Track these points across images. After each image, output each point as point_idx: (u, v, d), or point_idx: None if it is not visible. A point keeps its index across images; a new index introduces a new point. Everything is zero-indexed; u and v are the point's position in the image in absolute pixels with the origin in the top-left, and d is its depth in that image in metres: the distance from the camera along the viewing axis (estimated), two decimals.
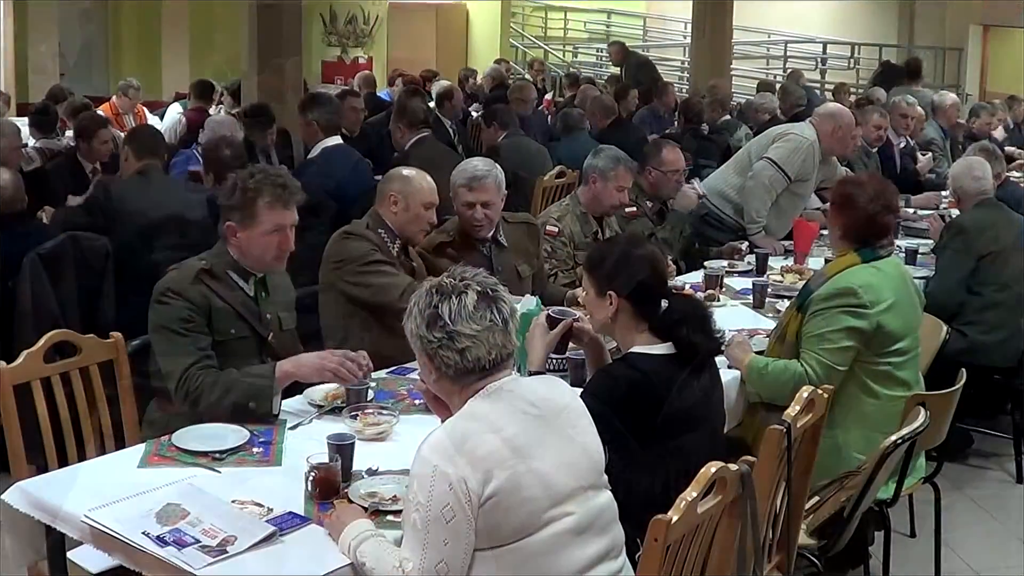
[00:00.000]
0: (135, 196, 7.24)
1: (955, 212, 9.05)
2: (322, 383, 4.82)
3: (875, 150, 10.62)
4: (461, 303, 3.52)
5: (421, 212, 5.79)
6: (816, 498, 4.93)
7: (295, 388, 4.87)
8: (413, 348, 3.61)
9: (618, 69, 18.89)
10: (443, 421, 3.56)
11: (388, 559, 3.42)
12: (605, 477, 3.70)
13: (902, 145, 11.41)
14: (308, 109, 8.91)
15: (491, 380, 3.54)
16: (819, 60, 24.94)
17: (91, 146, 9.45)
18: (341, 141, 8.90)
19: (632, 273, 4.46)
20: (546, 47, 26.66)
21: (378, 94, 16.31)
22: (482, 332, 3.51)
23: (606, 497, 3.66)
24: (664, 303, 4.45)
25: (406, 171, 5.95)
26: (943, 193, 10.93)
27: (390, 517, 3.74)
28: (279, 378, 4.61)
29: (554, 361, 5.09)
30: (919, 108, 12.44)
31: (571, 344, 4.90)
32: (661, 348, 4.37)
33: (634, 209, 7.59)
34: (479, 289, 3.55)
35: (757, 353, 5.55)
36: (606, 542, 3.60)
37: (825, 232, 7.43)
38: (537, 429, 3.49)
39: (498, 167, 6.29)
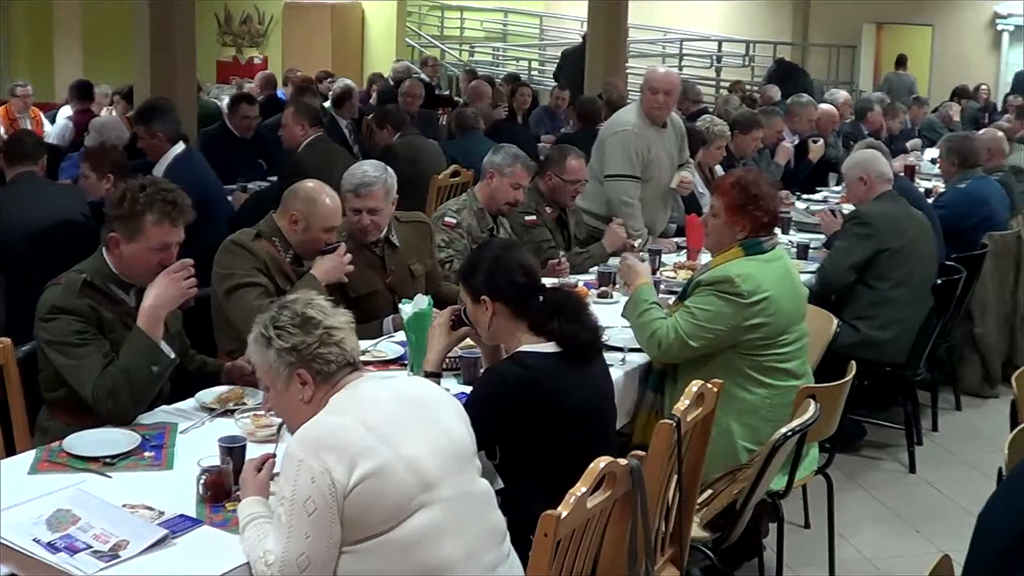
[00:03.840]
0: (7, 204, 7.21)
1: (846, 207, 9.19)
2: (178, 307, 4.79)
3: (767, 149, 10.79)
4: (318, 304, 3.71)
5: (320, 235, 5.70)
6: (708, 491, 4.97)
7: (187, 391, 4.84)
8: (271, 373, 3.69)
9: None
10: None
11: (256, 549, 3.46)
12: (479, 464, 3.74)
13: (795, 142, 11.56)
14: (150, 121, 8.41)
15: (354, 375, 3.67)
16: (714, 58, 25.16)
17: None
18: (184, 146, 8.50)
19: (503, 276, 4.50)
20: (443, 46, 26.64)
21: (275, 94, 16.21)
22: (347, 325, 3.70)
23: (482, 484, 3.70)
24: (539, 300, 4.51)
25: (312, 191, 5.76)
26: (836, 189, 11.12)
27: None
28: (148, 329, 4.56)
29: (448, 360, 5.10)
30: (825, 106, 12.65)
31: (468, 341, 4.93)
32: (548, 346, 4.39)
33: (533, 217, 7.54)
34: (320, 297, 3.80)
35: None
36: (485, 529, 3.63)
37: None
38: (401, 416, 3.54)
39: (389, 172, 6.26)
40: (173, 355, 4.65)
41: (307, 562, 3.33)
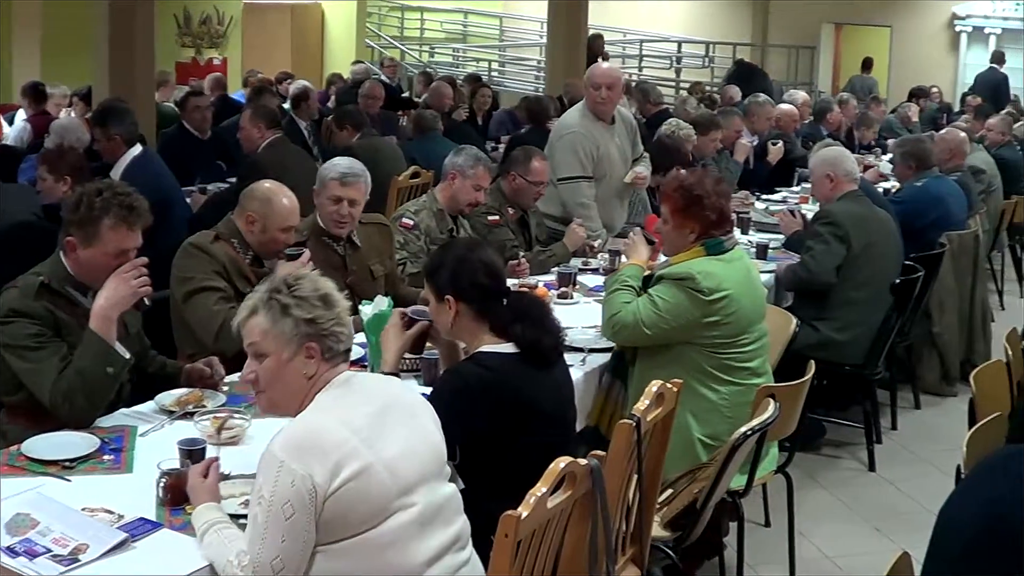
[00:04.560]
0: None
1: (805, 207, 9.22)
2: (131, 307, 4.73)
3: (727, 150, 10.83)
4: (328, 284, 3.71)
5: (278, 236, 5.69)
6: (669, 490, 4.99)
7: (146, 394, 4.83)
8: (279, 340, 3.62)
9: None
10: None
11: (225, 552, 3.45)
12: (448, 469, 3.75)
13: (755, 143, 11.60)
14: (106, 123, 8.35)
15: (342, 367, 3.67)
16: (674, 59, 25.23)
17: None
18: (141, 148, 8.45)
19: (467, 276, 4.51)
20: (403, 47, 26.61)
21: (232, 95, 16.14)
22: (348, 309, 3.73)
23: (450, 488, 3.71)
24: (503, 302, 4.52)
25: (269, 192, 5.77)
26: (796, 189, 11.17)
27: (242, 521, 3.71)
28: (100, 331, 4.52)
29: (408, 361, 5.11)
30: (785, 106, 12.71)
31: (427, 344, 4.93)
32: (509, 347, 4.41)
33: (496, 218, 7.56)
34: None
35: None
36: (452, 533, 3.64)
37: None
38: (381, 419, 3.54)
39: (366, 170, 6.33)
40: (128, 356, 4.62)
41: (281, 565, 3.33)
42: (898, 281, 7.44)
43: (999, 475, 3.13)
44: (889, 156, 13.56)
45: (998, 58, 19.04)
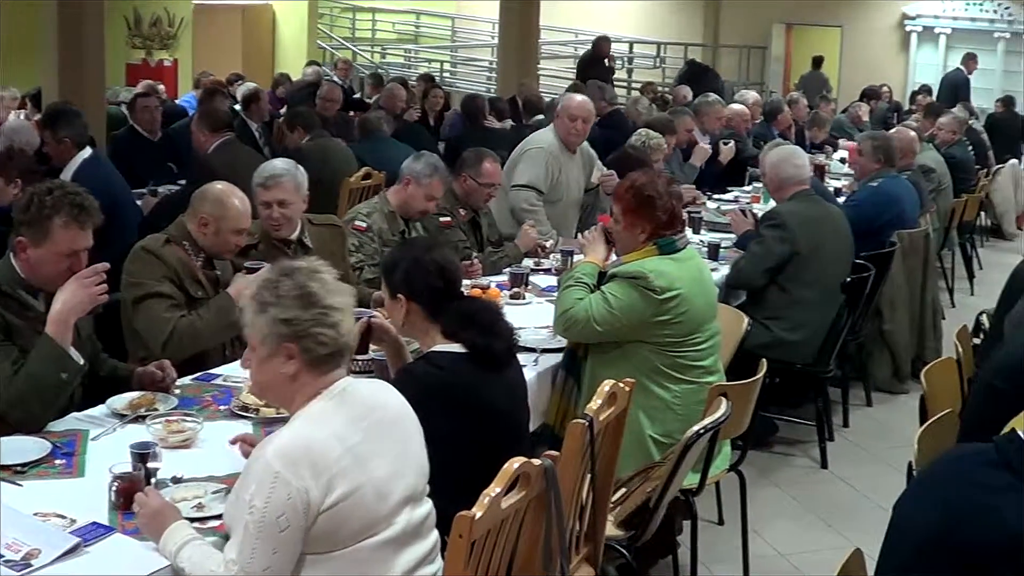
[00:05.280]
0: None
1: (757, 207, 9.25)
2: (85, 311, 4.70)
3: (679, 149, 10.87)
4: (322, 278, 3.59)
5: (230, 238, 5.68)
6: (623, 490, 4.99)
7: (98, 397, 4.80)
8: (258, 337, 3.56)
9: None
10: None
11: (207, 563, 3.41)
12: (427, 486, 3.74)
13: (706, 143, 11.64)
14: (56, 126, 8.29)
15: (339, 373, 3.59)
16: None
17: None
18: (91, 151, 8.37)
19: (421, 277, 4.53)
20: (354, 48, 26.55)
21: (180, 100, 16.08)
22: (346, 305, 3.60)
23: (428, 505, 3.72)
24: (455, 305, 4.54)
25: (221, 194, 5.74)
26: (747, 189, 11.21)
27: (196, 525, 3.70)
28: (56, 336, 4.50)
29: (359, 362, 5.11)
30: (737, 106, 12.76)
31: (372, 345, 4.94)
32: (459, 347, 4.42)
33: (448, 219, 7.55)
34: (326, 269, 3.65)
35: None
36: (426, 547, 3.66)
37: None
38: (376, 437, 3.53)
39: (300, 169, 6.32)
40: (82, 362, 4.60)
41: (271, 575, 3.31)
42: (849, 280, 7.48)
43: (952, 476, 3.15)
44: (840, 155, 13.69)
45: (965, 60, 19.17)
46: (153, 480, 3.94)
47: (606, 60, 19.03)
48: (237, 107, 13.26)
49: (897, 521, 3.21)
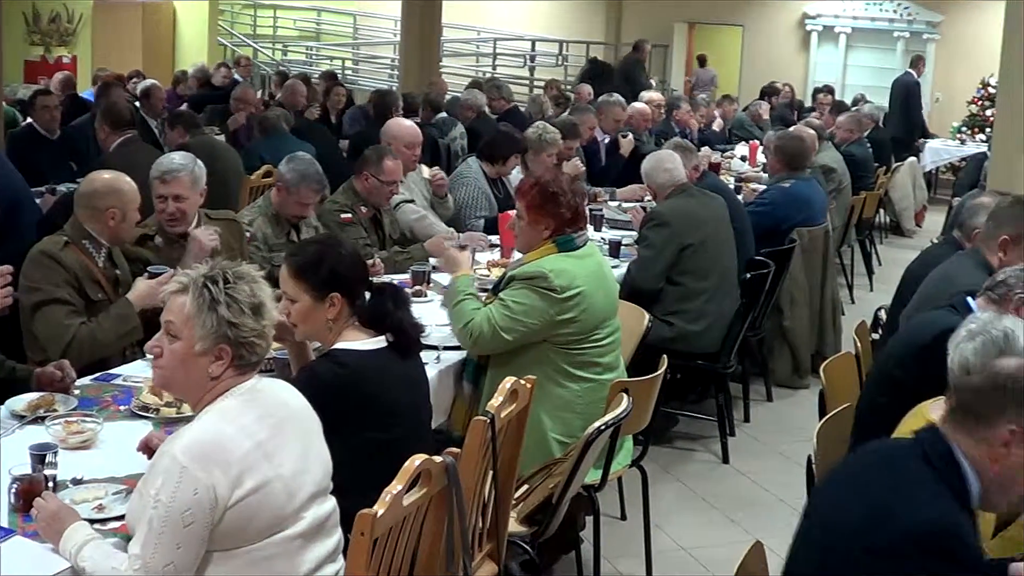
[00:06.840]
0: None
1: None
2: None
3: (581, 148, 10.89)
4: (266, 290, 3.60)
5: (134, 216, 5.71)
6: (525, 486, 5.01)
7: None
8: (194, 329, 3.50)
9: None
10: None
11: (110, 562, 3.38)
12: (331, 483, 3.73)
13: (606, 141, 11.70)
14: None
15: (251, 375, 3.59)
16: (528, 57, 25.27)
17: None
18: None
19: (347, 271, 4.51)
20: (255, 45, 26.37)
21: (82, 95, 15.88)
22: (273, 323, 3.64)
23: (332, 502, 3.70)
24: (368, 295, 4.55)
25: (114, 182, 5.71)
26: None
27: (97, 526, 3.66)
28: None
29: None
30: (638, 104, 12.84)
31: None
32: (367, 343, 4.41)
33: (348, 216, 7.50)
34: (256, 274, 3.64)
35: None
36: (330, 545, 3.65)
37: None
38: (282, 433, 3.51)
39: (198, 163, 6.29)
40: None
41: (174, 571, 3.29)
42: (749, 276, 7.55)
43: (875, 471, 3.20)
44: (741, 153, 13.83)
45: (915, 63, 19.38)
46: (50, 483, 3.89)
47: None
48: (138, 104, 13.11)
49: (815, 516, 3.25)
